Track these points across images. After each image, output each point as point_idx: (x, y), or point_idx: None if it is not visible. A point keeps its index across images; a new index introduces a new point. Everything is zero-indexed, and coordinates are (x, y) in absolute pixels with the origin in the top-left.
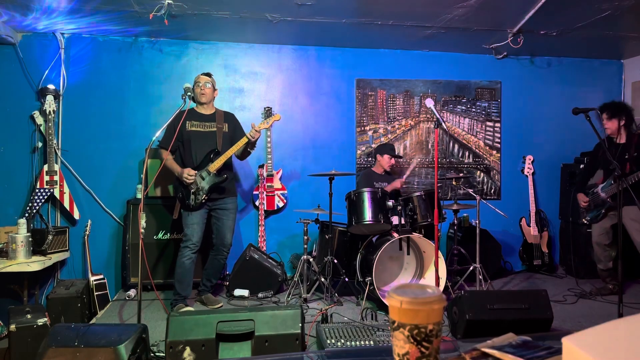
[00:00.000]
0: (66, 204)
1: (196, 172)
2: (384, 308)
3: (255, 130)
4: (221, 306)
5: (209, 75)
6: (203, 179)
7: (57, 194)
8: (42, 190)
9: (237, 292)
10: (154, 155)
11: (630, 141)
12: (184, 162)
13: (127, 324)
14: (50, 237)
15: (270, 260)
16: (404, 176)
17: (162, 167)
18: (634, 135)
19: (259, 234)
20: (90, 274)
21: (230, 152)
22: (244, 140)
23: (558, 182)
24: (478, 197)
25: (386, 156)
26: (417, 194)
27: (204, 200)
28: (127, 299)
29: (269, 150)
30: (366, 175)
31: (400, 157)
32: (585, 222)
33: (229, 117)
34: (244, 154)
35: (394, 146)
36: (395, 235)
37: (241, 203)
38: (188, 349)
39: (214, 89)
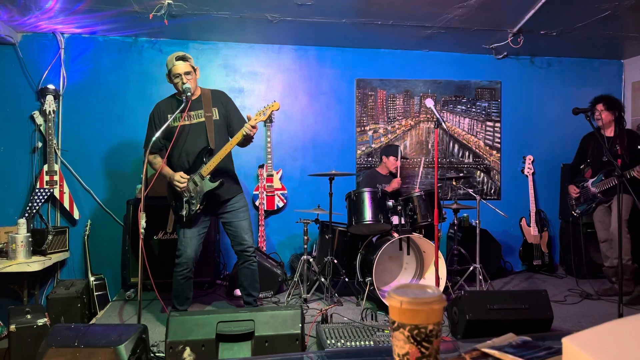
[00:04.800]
0: (66, 204)
1: (188, 176)
2: (384, 308)
3: (251, 126)
4: None
5: (184, 58)
6: (196, 184)
7: (57, 194)
8: (42, 190)
9: (237, 292)
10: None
11: (621, 135)
12: (172, 166)
13: (127, 324)
14: (50, 237)
15: (270, 260)
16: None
17: (157, 174)
18: (623, 131)
19: (259, 234)
20: (90, 274)
21: (224, 151)
22: (238, 137)
23: (558, 182)
24: (478, 197)
25: (392, 158)
26: (417, 194)
27: (199, 211)
28: (127, 299)
29: (269, 150)
30: (370, 175)
31: (407, 159)
32: (576, 214)
33: (218, 98)
34: (244, 144)
35: (400, 148)
36: (395, 235)
37: None
38: (188, 349)
39: (195, 71)
